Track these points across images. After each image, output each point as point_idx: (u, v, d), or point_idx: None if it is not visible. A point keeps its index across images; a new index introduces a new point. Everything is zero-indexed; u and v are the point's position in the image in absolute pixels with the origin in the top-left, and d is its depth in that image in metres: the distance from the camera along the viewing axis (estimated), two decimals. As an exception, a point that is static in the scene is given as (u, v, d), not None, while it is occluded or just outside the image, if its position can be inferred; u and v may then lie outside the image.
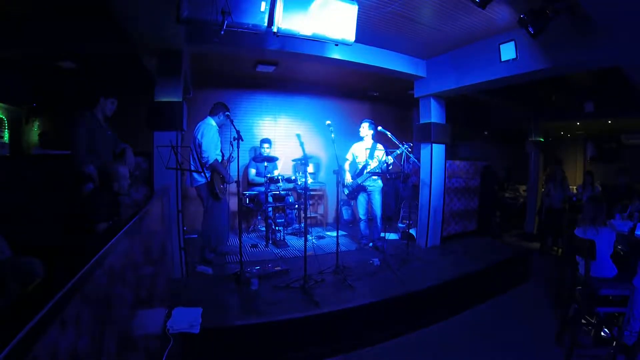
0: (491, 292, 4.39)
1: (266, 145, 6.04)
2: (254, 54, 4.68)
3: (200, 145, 4.07)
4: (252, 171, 6.08)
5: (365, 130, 5.04)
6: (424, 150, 5.44)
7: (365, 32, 3.99)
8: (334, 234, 4.31)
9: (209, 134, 4.12)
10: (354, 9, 3.20)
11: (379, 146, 4.96)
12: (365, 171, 4.92)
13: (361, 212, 5.18)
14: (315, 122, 7.05)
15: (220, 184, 4.20)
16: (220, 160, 4.25)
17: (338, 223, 4.31)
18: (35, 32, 4.05)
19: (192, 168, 4.00)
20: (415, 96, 5.50)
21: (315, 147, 7.02)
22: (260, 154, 6.03)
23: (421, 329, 3.57)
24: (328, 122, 4.06)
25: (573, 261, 3.33)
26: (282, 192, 5.56)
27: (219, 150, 4.29)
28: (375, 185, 5.00)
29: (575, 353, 2.99)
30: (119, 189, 2.75)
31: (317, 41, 3.34)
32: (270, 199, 5.45)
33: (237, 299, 3.33)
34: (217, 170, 4.17)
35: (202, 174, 4.01)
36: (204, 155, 4.06)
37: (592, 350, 3.12)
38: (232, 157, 4.42)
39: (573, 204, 6.55)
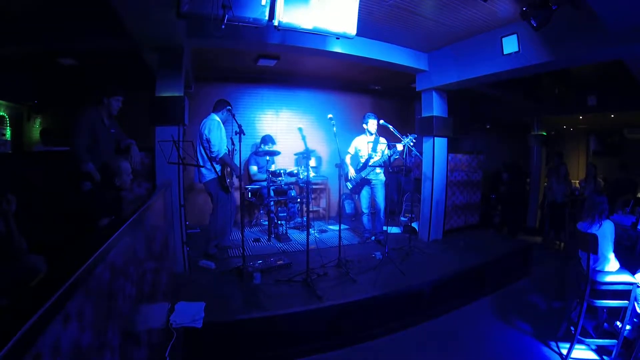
0: (493, 286, 4.39)
1: (270, 143, 5.93)
2: (255, 48, 4.66)
3: (208, 140, 4.07)
4: (254, 168, 6.04)
5: (375, 125, 4.94)
6: (426, 144, 5.42)
7: (367, 26, 3.96)
8: (336, 227, 4.30)
9: (216, 129, 4.12)
10: (355, 2, 3.17)
11: (382, 139, 4.95)
12: (368, 164, 4.91)
13: (364, 205, 5.17)
14: (317, 115, 7.04)
15: (229, 177, 4.20)
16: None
17: (340, 217, 4.31)
18: (35, 30, 4.04)
19: (201, 164, 4.00)
20: (417, 89, 5.48)
21: (317, 140, 7.00)
22: (262, 149, 6.00)
23: (423, 322, 3.58)
24: (330, 115, 4.05)
25: (575, 255, 3.32)
26: (284, 186, 5.55)
27: (225, 145, 4.30)
28: (379, 178, 4.99)
29: (577, 346, 3.00)
30: (121, 185, 2.76)
31: (318, 35, 3.31)
32: (272, 193, 5.45)
33: (239, 293, 3.34)
34: (227, 163, 4.19)
35: (212, 169, 4.01)
36: (214, 149, 4.07)
37: (594, 343, 3.13)
38: (235, 150, 4.40)
39: (575, 198, 6.53)
